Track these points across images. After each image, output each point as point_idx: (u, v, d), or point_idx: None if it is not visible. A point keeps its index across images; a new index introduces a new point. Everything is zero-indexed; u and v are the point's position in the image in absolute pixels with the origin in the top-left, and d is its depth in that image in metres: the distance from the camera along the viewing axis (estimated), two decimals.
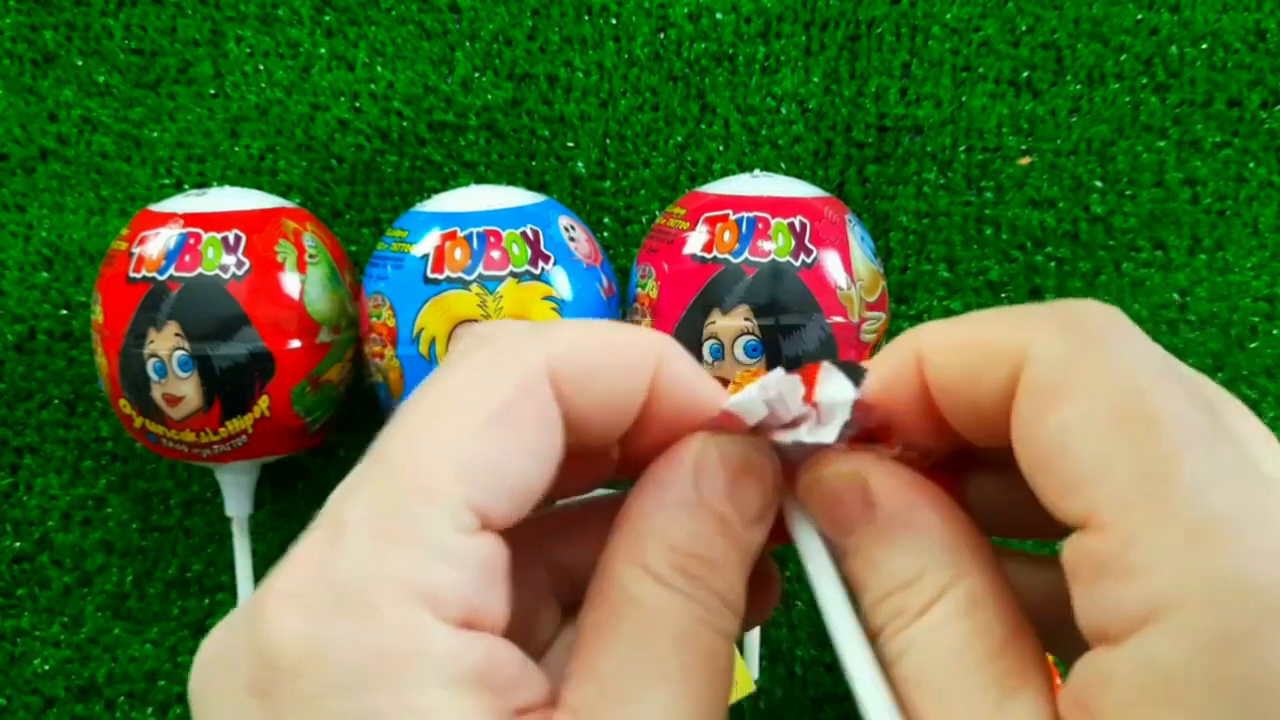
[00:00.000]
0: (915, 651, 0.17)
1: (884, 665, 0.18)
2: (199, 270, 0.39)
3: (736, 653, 0.40)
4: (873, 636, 0.18)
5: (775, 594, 0.22)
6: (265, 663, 0.15)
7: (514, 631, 0.19)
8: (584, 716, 0.16)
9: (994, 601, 0.17)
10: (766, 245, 0.38)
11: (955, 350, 0.18)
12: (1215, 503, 0.14)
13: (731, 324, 0.38)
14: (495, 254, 0.38)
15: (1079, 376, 0.16)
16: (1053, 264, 0.46)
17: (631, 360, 0.18)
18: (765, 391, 0.18)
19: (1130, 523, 0.15)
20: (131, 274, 0.39)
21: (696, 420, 0.19)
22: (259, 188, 0.45)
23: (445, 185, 0.48)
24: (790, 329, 0.38)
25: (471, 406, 0.17)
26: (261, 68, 0.49)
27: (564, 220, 0.41)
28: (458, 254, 0.38)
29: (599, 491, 0.22)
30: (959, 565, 0.18)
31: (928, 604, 0.17)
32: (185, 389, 0.39)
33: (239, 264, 0.39)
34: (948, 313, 0.46)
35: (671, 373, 0.19)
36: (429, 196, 0.43)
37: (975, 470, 0.21)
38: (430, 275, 0.38)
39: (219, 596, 0.48)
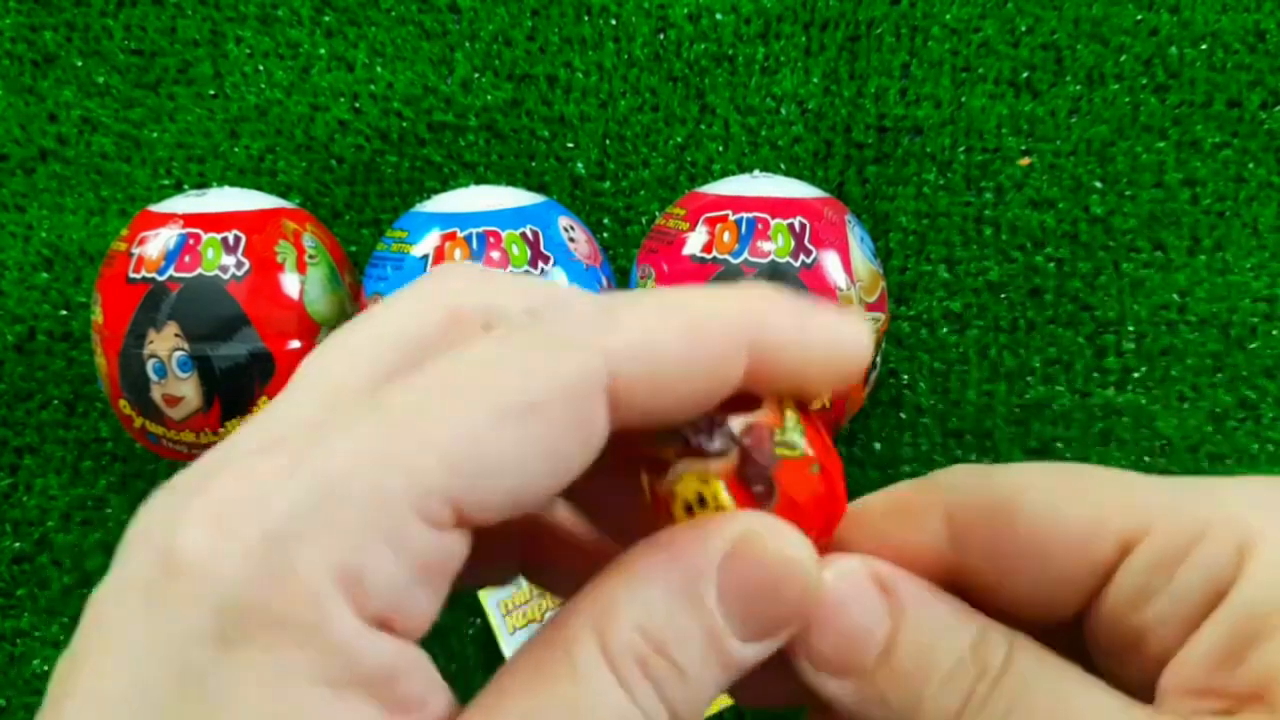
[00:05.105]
0: (1024, 696, 0.15)
1: None
2: (199, 271, 0.39)
3: None
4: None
5: None
6: (167, 565, 0.13)
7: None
8: None
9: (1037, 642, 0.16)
10: (766, 246, 0.38)
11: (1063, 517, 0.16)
12: None
13: None
14: (495, 254, 0.38)
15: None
16: (1053, 264, 0.46)
17: (721, 347, 0.15)
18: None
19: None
20: (131, 274, 0.39)
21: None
22: (259, 188, 0.45)
23: (445, 186, 0.48)
24: None
25: (493, 394, 0.14)
26: (261, 68, 0.49)
27: (564, 221, 0.41)
28: (457, 254, 0.38)
29: None
30: (997, 625, 0.16)
31: (1008, 652, 0.16)
32: (185, 389, 0.39)
33: (239, 264, 0.39)
34: (947, 313, 0.46)
35: (773, 341, 0.16)
36: (429, 197, 0.43)
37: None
38: None
39: None
